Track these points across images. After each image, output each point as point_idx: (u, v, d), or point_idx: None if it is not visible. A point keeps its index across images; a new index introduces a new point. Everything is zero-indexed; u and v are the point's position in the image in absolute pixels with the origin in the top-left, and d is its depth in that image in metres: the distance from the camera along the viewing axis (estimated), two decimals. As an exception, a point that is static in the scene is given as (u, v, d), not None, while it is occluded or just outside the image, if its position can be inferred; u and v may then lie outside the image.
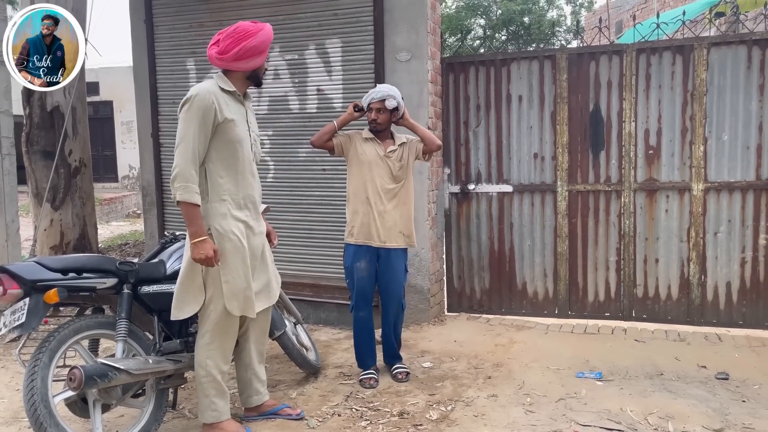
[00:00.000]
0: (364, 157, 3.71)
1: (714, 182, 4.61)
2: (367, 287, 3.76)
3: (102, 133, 17.12)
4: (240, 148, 2.98)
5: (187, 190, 2.82)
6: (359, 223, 3.72)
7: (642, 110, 4.71)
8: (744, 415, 3.23)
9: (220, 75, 3.02)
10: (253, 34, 2.93)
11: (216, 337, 2.99)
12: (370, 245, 3.72)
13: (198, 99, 2.85)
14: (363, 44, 4.79)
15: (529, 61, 4.95)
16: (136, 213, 14.49)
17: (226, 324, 2.99)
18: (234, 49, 2.91)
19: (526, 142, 4.99)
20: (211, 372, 2.99)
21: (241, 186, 3.00)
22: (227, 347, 3.05)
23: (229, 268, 2.92)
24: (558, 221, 4.95)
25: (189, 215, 2.86)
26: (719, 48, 4.55)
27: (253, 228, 3.05)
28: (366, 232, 3.71)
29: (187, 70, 5.35)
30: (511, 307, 5.12)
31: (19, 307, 2.73)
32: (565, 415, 3.25)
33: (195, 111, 2.84)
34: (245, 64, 2.97)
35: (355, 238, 3.73)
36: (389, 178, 3.72)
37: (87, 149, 6.22)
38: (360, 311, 3.79)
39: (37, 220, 5.88)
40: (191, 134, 2.84)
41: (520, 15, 22.86)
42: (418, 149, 3.82)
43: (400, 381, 3.77)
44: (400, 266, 3.80)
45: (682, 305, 4.74)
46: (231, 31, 2.95)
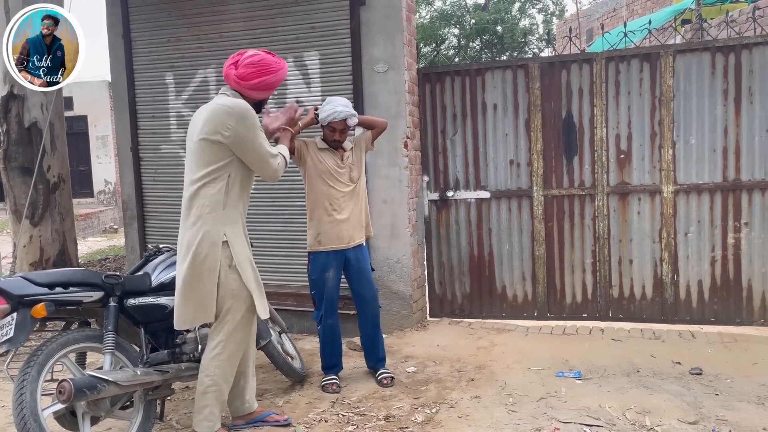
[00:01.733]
0: (323, 166, 3.76)
1: (683, 184, 4.77)
2: (335, 295, 3.86)
3: (77, 148, 16.91)
4: None
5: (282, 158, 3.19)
6: (325, 230, 3.77)
7: (612, 116, 4.86)
8: (717, 407, 3.35)
9: (236, 94, 3.09)
10: (275, 71, 3.10)
11: (228, 348, 3.05)
12: (338, 249, 3.79)
13: (253, 112, 3.01)
14: (341, 56, 4.88)
15: (503, 70, 5.08)
16: (113, 228, 14.37)
17: (241, 336, 3.07)
18: (255, 80, 3.05)
19: (502, 149, 5.11)
20: (218, 382, 3.04)
21: (245, 200, 3.14)
22: (237, 357, 3.11)
23: (247, 273, 3.03)
24: (535, 225, 5.07)
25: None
26: (684, 55, 4.73)
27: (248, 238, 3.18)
28: (333, 237, 3.78)
29: (166, 85, 5.38)
30: (491, 311, 5.22)
31: (7, 322, 2.75)
32: (546, 414, 3.34)
33: (256, 120, 3.02)
34: (258, 94, 3.12)
35: (324, 245, 3.78)
36: (349, 181, 3.82)
37: (65, 165, 6.20)
38: (329, 318, 3.87)
39: (17, 236, 5.85)
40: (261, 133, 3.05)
41: (494, 24, 23.20)
42: (367, 141, 3.98)
43: (385, 386, 3.83)
44: (367, 266, 3.94)
45: (657, 304, 4.88)
46: (256, 60, 3.05)
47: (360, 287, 3.90)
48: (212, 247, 2.93)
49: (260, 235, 4.94)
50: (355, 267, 3.87)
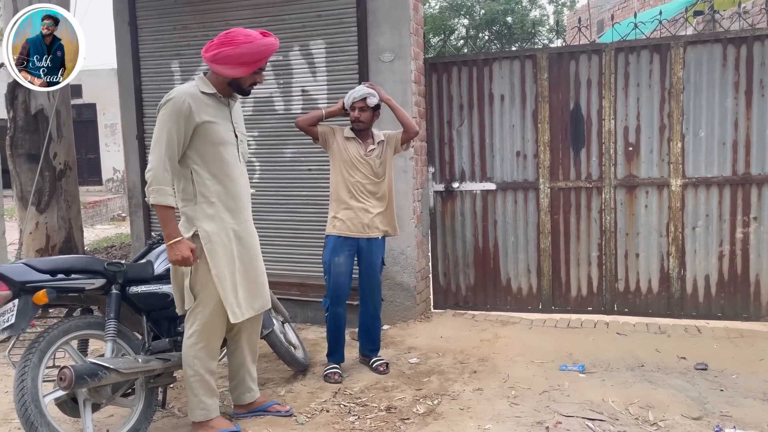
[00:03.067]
0: (347, 155, 3.80)
1: (692, 178, 4.71)
2: (344, 283, 3.84)
3: (86, 136, 16.98)
4: (224, 149, 2.98)
5: (160, 193, 2.82)
6: (342, 215, 3.80)
7: (621, 108, 4.81)
8: (722, 403, 3.32)
9: (201, 77, 3.01)
10: (237, 43, 2.88)
11: (202, 338, 3.01)
12: (351, 236, 3.79)
13: (172, 102, 2.86)
14: (347, 45, 4.84)
15: (511, 60, 5.02)
16: (120, 216, 14.41)
17: (213, 325, 3.01)
18: (213, 51, 2.90)
19: (509, 141, 5.06)
20: (198, 371, 3.02)
21: (230, 187, 3.01)
22: (214, 346, 3.08)
23: (218, 269, 2.95)
24: (541, 218, 5.03)
25: (163, 217, 2.87)
26: (695, 46, 4.66)
27: (242, 231, 3.06)
28: (349, 225, 3.79)
29: (172, 72, 5.37)
30: (495, 303, 5.20)
31: (9, 309, 2.75)
32: (549, 407, 3.32)
33: (169, 114, 2.85)
34: (223, 69, 2.92)
35: (339, 230, 3.80)
36: (371, 175, 3.82)
37: (72, 152, 6.19)
38: (334, 306, 3.87)
39: (23, 223, 5.86)
40: (165, 137, 2.84)
41: (503, 15, 22.99)
42: (397, 141, 3.93)
43: (381, 373, 3.85)
44: (378, 259, 3.92)
45: (663, 299, 4.84)
46: (224, 33, 2.94)
47: (367, 279, 3.91)
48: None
49: (264, 225, 4.92)
50: (366, 259, 3.88)
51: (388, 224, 3.93)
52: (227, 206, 3.00)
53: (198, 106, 2.90)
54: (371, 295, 3.96)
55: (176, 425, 3.26)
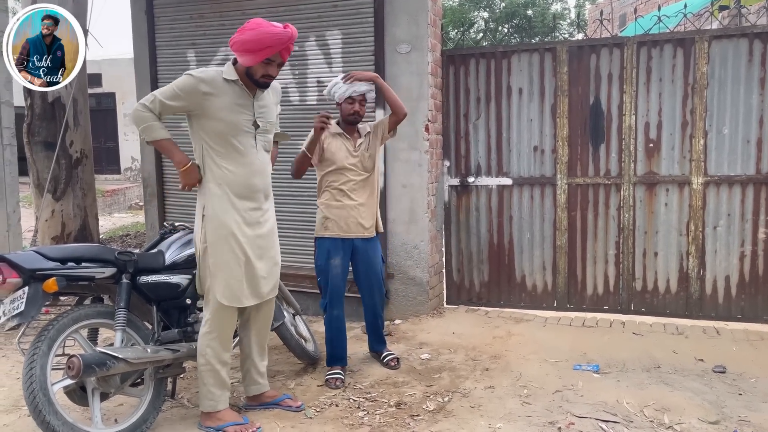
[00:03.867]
0: (335, 154, 3.66)
1: (714, 176, 4.60)
2: (341, 285, 3.73)
3: (104, 125, 17.12)
4: (234, 136, 2.97)
5: (150, 130, 2.90)
6: (334, 215, 3.68)
7: (642, 103, 4.70)
8: (740, 408, 3.24)
9: (230, 63, 3.02)
10: (244, 30, 2.91)
11: (215, 327, 3.01)
12: (345, 238, 3.69)
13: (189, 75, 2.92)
14: (363, 36, 4.79)
15: (530, 53, 4.94)
16: (138, 204, 14.51)
17: (223, 313, 3.00)
18: (234, 38, 2.93)
19: (526, 135, 4.98)
20: (209, 361, 3.01)
21: (241, 174, 2.99)
22: (226, 337, 3.06)
23: (217, 256, 2.94)
24: (557, 214, 4.95)
25: (165, 149, 2.98)
26: (720, 41, 4.54)
27: (253, 219, 3.04)
28: (341, 225, 3.68)
29: (188, 61, 5.35)
30: (509, 300, 5.13)
31: (19, 296, 2.74)
32: (562, 407, 3.26)
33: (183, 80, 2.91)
34: (238, 57, 2.96)
35: (331, 231, 3.69)
36: (361, 169, 3.70)
37: (88, 140, 6.22)
38: (335, 309, 3.75)
39: (39, 210, 5.90)
40: (165, 88, 2.92)
41: (524, 8, 22.76)
42: (384, 128, 3.77)
43: (392, 368, 3.80)
44: (376, 253, 3.81)
45: (681, 299, 4.74)
46: (246, 23, 2.95)
47: (365, 270, 3.79)
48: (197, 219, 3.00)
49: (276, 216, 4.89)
50: (363, 259, 3.76)
51: (373, 220, 3.76)
52: (237, 193, 2.98)
53: (213, 88, 2.93)
54: (373, 294, 3.85)
55: (185, 416, 3.25)
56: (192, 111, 2.95)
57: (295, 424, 3.14)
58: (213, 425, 3.03)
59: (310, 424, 3.13)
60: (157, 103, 2.90)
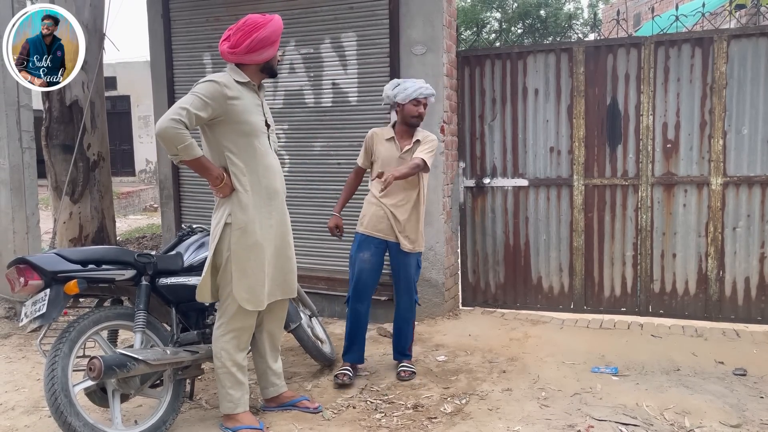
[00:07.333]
0: (382, 157, 3.70)
1: (733, 176, 4.55)
2: (367, 279, 3.70)
3: (119, 128, 17.26)
4: (256, 138, 2.98)
5: (190, 148, 2.80)
6: (371, 214, 3.70)
7: (660, 104, 4.66)
8: (762, 411, 3.20)
9: (233, 67, 3.01)
10: (262, 25, 2.93)
11: (231, 330, 3.02)
12: (378, 237, 3.69)
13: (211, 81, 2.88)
14: (378, 38, 4.79)
15: (546, 54, 4.91)
16: (153, 207, 14.62)
17: (243, 317, 3.02)
18: (245, 41, 2.91)
19: (542, 136, 4.96)
20: (225, 363, 3.03)
21: (264, 177, 3.00)
22: (243, 339, 3.08)
23: (241, 263, 2.94)
24: (574, 216, 4.92)
25: (201, 166, 2.90)
26: (740, 40, 4.49)
27: (275, 220, 3.05)
28: (375, 225, 3.68)
29: (204, 65, 5.38)
30: (526, 302, 5.11)
31: (40, 298, 2.77)
32: (580, 410, 3.24)
33: (206, 86, 2.86)
34: (258, 56, 2.96)
35: (365, 228, 3.71)
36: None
37: (105, 143, 6.28)
38: (356, 303, 3.72)
39: (57, 213, 5.96)
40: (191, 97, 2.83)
41: (537, 8, 22.67)
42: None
43: (402, 380, 3.72)
44: (410, 261, 3.75)
45: (700, 301, 4.70)
46: (241, 24, 2.95)
47: (396, 275, 3.78)
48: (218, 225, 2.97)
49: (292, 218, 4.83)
50: (395, 263, 3.74)
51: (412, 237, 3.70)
52: (261, 195, 2.99)
53: (235, 91, 2.92)
54: (399, 296, 3.83)
55: (204, 417, 3.27)
56: (218, 117, 2.89)
57: (313, 426, 3.14)
58: (231, 426, 3.04)
59: (328, 426, 3.13)
60: (192, 116, 2.80)
